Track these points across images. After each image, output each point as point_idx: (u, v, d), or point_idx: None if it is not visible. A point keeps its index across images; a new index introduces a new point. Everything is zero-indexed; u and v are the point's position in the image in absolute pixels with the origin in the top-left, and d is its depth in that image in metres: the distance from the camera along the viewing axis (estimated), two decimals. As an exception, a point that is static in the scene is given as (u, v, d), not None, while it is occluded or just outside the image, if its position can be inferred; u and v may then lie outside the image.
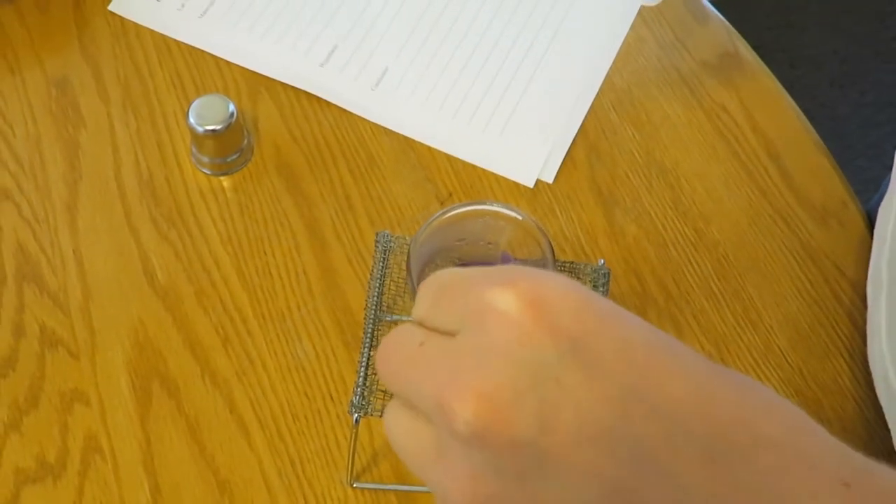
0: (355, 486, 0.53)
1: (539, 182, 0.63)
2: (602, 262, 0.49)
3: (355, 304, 0.58)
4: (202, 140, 0.60)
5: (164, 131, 0.64)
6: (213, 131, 0.59)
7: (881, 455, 0.33)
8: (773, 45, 1.65)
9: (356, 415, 0.45)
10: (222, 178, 0.62)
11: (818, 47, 1.67)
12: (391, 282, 0.48)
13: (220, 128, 0.59)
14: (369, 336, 0.46)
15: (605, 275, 0.48)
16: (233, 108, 0.59)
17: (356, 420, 0.45)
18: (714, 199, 0.63)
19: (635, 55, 0.68)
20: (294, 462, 0.54)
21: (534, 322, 0.27)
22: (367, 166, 0.63)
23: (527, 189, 0.63)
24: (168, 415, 0.55)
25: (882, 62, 1.66)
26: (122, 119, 0.64)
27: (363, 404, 0.45)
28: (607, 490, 0.26)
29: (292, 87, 0.66)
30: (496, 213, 0.41)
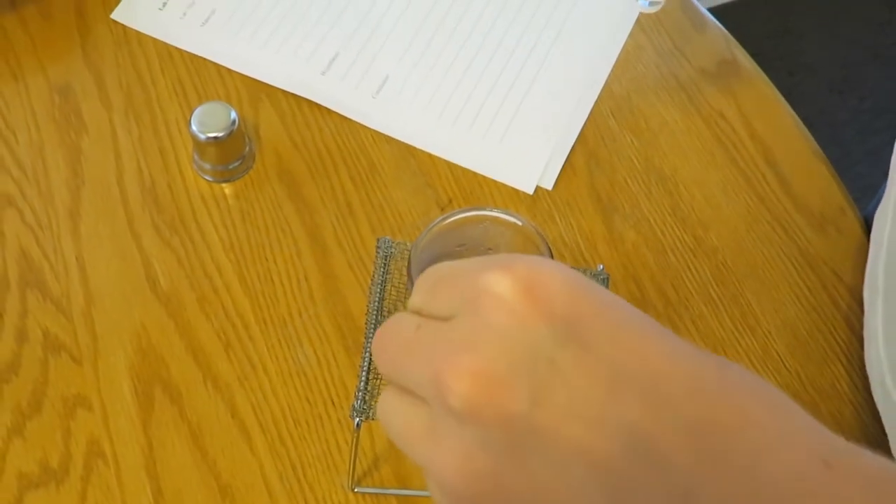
0: (356, 490, 0.53)
1: (538, 188, 0.63)
2: (601, 267, 0.50)
3: (356, 309, 0.59)
4: (204, 147, 0.60)
5: (166, 138, 0.64)
6: (214, 138, 0.59)
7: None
8: (771, 53, 1.66)
9: (357, 419, 0.45)
10: (224, 184, 0.63)
11: (816, 54, 1.67)
12: (392, 287, 0.48)
13: (221, 135, 0.59)
14: (370, 341, 0.47)
15: (604, 280, 0.49)
16: (234, 115, 0.60)
17: (357, 424, 0.45)
18: (712, 206, 0.63)
19: (634, 63, 0.69)
20: (295, 466, 0.54)
21: (528, 304, 0.27)
22: (368, 173, 0.64)
23: (526, 195, 0.63)
24: (170, 420, 0.55)
25: (880, 68, 1.67)
26: (124, 126, 0.65)
27: (364, 408, 0.45)
28: (596, 468, 0.26)
29: (293, 94, 0.66)
30: (496, 218, 0.41)
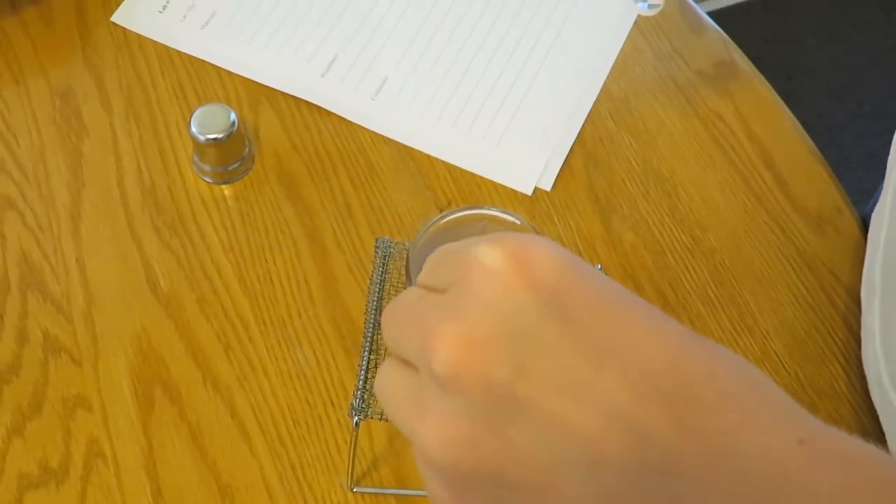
0: (356, 490, 0.53)
1: (537, 189, 0.64)
2: (599, 267, 0.50)
3: (355, 310, 0.59)
4: (204, 149, 0.61)
5: (166, 140, 0.65)
6: (214, 140, 0.60)
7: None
8: (769, 57, 1.66)
9: (356, 418, 0.45)
10: (224, 186, 0.63)
11: (815, 58, 1.68)
12: (391, 287, 0.48)
13: (221, 137, 0.60)
14: (369, 340, 0.47)
15: (602, 280, 0.49)
16: (234, 117, 0.60)
17: (356, 423, 0.45)
18: (710, 207, 0.64)
19: (632, 65, 0.69)
20: (295, 467, 0.54)
21: (516, 275, 0.28)
22: (367, 174, 0.64)
23: (525, 196, 0.63)
24: (170, 420, 0.55)
25: (879, 72, 1.67)
26: (124, 128, 0.65)
27: (363, 407, 0.45)
28: (574, 439, 0.27)
29: (293, 96, 0.66)
30: (494, 216, 0.42)
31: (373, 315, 0.47)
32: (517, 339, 0.27)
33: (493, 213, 0.41)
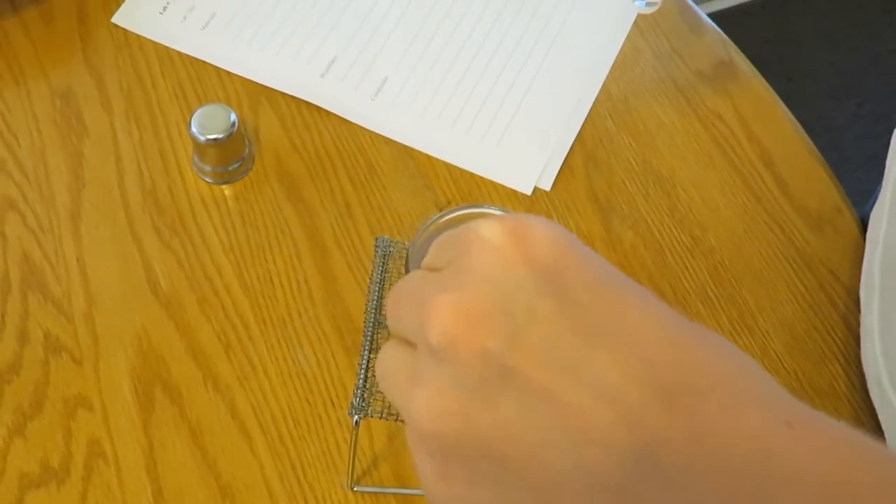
0: (356, 489, 0.53)
1: (537, 189, 0.64)
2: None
3: (355, 310, 0.59)
4: (204, 149, 0.61)
5: (166, 141, 0.65)
6: (214, 140, 0.60)
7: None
8: (770, 58, 1.66)
9: (356, 416, 0.45)
10: (224, 186, 0.63)
11: (815, 59, 1.68)
12: (390, 286, 0.48)
13: (221, 137, 0.60)
14: (369, 339, 0.47)
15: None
16: (234, 117, 0.60)
17: (356, 422, 0.45)
18: (710, 207, 0.64)
19: (631, 65, 0.69)
20: (295, 466, 0.54)
21: (514, 249, 0.28)
22: (367, 175, 0.64)
23: (524, 196, 0.63)
24: (171, 420, 0.55)
25: (880, 74, 1.67)
26: (125, 129, 0.65)
27: (363, 406, 0.45)
28: (562, 415, 0.27)
29: (293, 96, 0.67)
30: (493, 215, 0.42)
31: (373, 314, 0.47)
32: (512, 311, 0.27)
33: (492, 211, 0.41)
